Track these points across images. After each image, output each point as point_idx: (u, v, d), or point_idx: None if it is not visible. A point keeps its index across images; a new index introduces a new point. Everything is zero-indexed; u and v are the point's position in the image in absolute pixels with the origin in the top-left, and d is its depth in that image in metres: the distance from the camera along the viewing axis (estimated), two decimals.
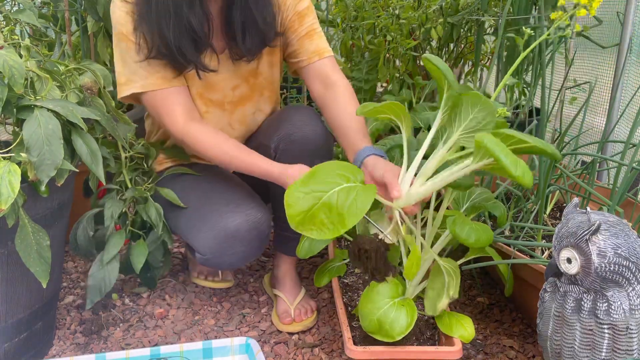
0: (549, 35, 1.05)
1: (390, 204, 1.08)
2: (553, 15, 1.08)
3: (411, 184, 1.07)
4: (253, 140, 1.45)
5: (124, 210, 1.38)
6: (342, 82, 1.33)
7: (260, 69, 1.40)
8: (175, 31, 1.19)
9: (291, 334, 1.39)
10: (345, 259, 1.45)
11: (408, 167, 1.10)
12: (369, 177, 1.16)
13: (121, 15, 1.23)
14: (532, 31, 1.10)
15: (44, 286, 1.07)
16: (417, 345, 1.19)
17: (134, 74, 1.25)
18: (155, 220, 1.37)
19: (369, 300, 1.15)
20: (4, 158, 1.01)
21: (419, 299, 1.34)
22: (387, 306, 1.13)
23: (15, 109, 1.05)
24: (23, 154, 1.02)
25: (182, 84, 1.29)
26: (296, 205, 0.95)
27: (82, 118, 1.09)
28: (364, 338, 1.20)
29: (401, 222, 1.10)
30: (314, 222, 0.95)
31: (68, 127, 1.10)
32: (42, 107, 1.05)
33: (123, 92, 1.28)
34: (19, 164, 1.02)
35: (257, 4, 1.24)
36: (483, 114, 0.96)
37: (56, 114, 1.05)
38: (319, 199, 0.95)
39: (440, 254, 1.20)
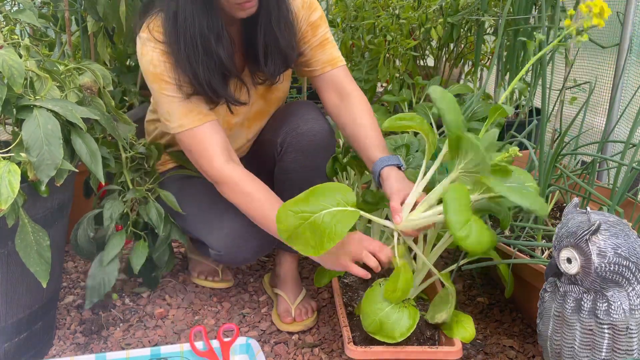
0: (560, 42, 1.05)
1: (390, 225, 1.11)
2: (567, 22, 1.08)
3: (413, 208, 1.09)
4: (259, 137, 1.46)
5: (125, 211, 1.37)
6: (356, 93, 1.33)
7: (277, 84, 1.39)
8: (204, 66, 1.17)
9: (291, 334, 1.39)
10: None
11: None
12: (387, 189, 1.18)
13: (154, 56, 1.19)
14: (542, 36, 1.10)
15: (44, 286, 1.06)
16: (417, 345, 1.19)
17: (169, 114, 1.23)
18: (156, 222, 1.37)
19: (372, 300, 1.15)
20: (4, 158, 1.01)
21: (420, 299, 1.34)
22: (389, 307, 1.13)
23: (14, 109, 1.05)
24: (23, 154, 1.02)
25: (215, 118, 1.26)
26: (285, 222, 1.03)
27: (82, 118, 1.09)
28: (364, 338, 1.20)
29: (401, 242, 1.13)
30: (299, 239, 1.03)
31: (68, 127, 1.10)
32: (41, 107, 1.05)
33: (170, 130, 1.26)
34: (18, 164, 1.01)
35: (280, 25, 1.22)
36: (476, 161, 0.99)
37: (55, 114, 1.05)
38: (306, 220, 1.02)
39: (443, 257, 1.20)
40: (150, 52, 1.20)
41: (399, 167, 1.22)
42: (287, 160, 1.33)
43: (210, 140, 1.22)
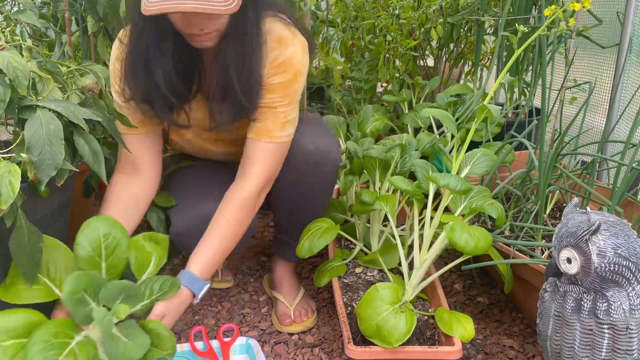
0: (543, 30, 1.05)
1: None
2: (546, 12, 1.08)
3: None
4: None
5: None
6: (258, 171, 1.21)
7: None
8: (147, 83, 1.15)
9: (291, 334, 1.39)
10: (345, 259, 1.45)
11: None
12: None
13: (113, 55, 1.22)
14: (527, 29, 1.10)
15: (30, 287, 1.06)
16: (417, 345, 1.19)
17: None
18: (157, 227, 1.36)
19: (369, 305, 1.15)
20: (4, 158, 1.01)
21: (419, 299, 1.34)
22: (386, 312, 1.13)
23: (17, 109, 1.05)
24: (23, 154, 1.02)
25: (146, 131, 1.25)
26: None
27: (84, 119, 1.09)
28: (364, 338, 1.20)
29: None
30: None
31: (69, 128, 1.10)
32: (44, 107, 1.05)
33: None
34: (18, 164, 1.02)
35: (237, 68, 1.12)
36: None
37: (58, 115, 1.05)
38: None
39: (442, 257, 1.20)
40: (115, 51, 1.23)
41: (194, 295, 1.13)
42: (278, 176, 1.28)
43: (125, 151, 1.24)
